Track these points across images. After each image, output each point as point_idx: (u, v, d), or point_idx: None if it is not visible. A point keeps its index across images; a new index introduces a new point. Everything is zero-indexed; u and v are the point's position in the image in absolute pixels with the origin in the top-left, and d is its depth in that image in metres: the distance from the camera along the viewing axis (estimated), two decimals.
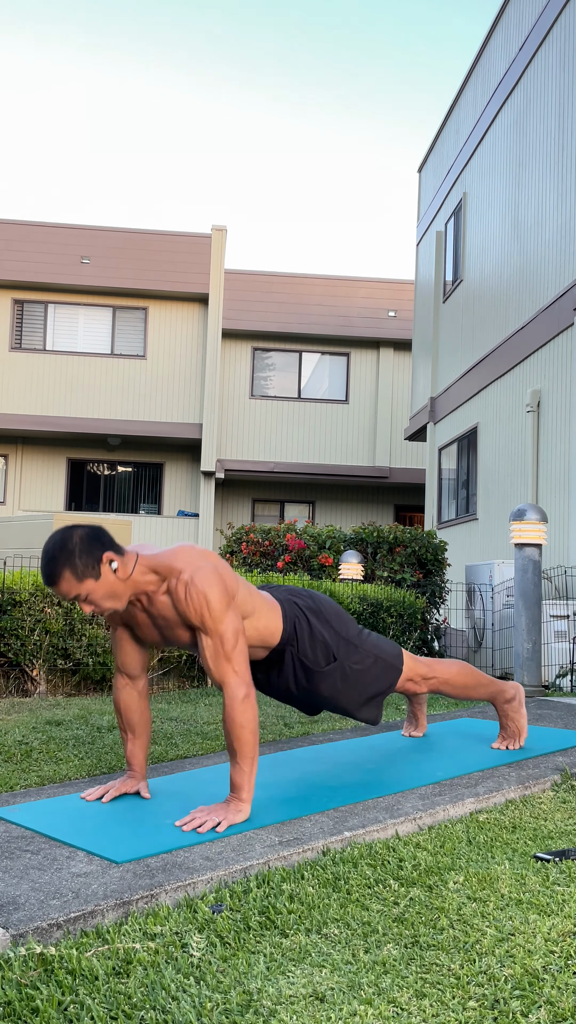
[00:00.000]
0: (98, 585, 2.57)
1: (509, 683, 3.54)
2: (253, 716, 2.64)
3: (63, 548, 2.54)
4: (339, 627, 3.04)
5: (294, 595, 3.06)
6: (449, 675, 3.32)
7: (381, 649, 3.13)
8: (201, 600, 2.62)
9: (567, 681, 6.23)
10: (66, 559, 2.53)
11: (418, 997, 1.68)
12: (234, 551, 8.58)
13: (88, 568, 2.55)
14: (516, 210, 10.13)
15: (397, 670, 3.15)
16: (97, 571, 2.56)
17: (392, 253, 46.49)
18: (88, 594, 2.57)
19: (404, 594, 6.86)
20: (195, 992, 1.70)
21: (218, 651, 2.64)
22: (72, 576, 2.54)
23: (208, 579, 2.63)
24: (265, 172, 51.58)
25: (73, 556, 2.53)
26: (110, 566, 2.58)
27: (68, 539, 2.56)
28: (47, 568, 2.54)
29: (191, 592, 2.62)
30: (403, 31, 48.85)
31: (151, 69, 47.72)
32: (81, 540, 2.56)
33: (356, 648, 3.05)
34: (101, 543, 2.59)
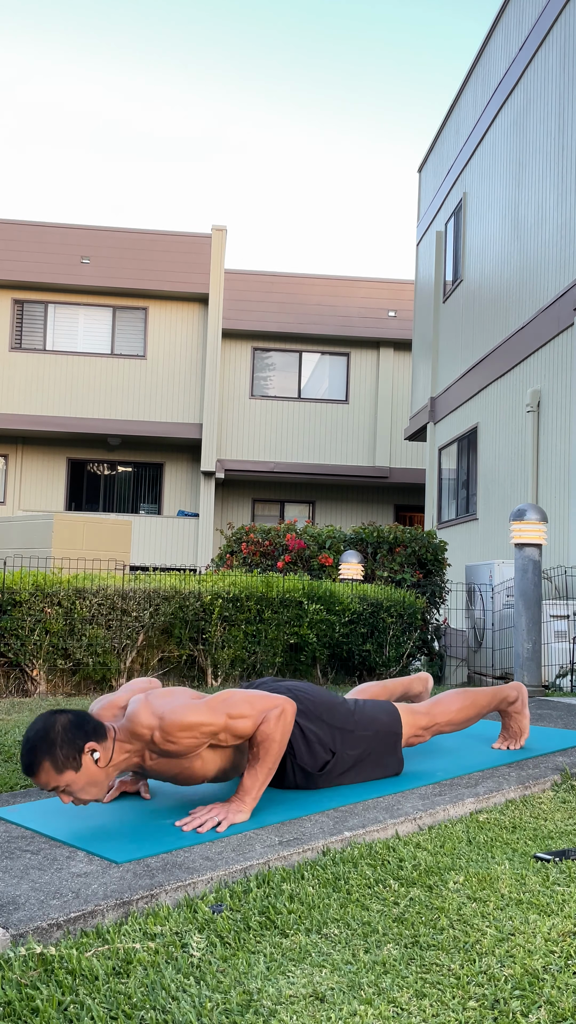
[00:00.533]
0: (78, 776, 2.49)
1: (511, 685, 3.52)
2: (284, 732, 2.64)
3: (44, 738, 2.45)
4: (330, 719, 2.99)
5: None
6: (449, 715, 3.28)
7: (376, 720, 3.09)
8: (187, 730, 2.55)
9: (567, 681, 6.23)
10: (46, 750, 2.44)
11: (418, 997, 1.68)
12: (234, 551, 8.58)
13: (69, 759, 2.46)
14: (516, 210, 10.13)
15: (397, 735, 3.13)
16: (78, 762, 2.47)
17: (392, 253, 46.50)
18: (67, 785, 2.48)
19: (404, 594, 6.86)
20: (195, 992, 1.70)
21: (238, 722, 2.62)
22: (51, 767, 2.45)
23: (174, 713, 2.55)
24: (265, 172, 51.59)
25: (54, 747, 2.45)
26: (91, 756, 2.50)
27: (50, 728, 2.47)
28: (27, 757, 2.45)
29: (175, 737, 2.55)
30: (403, 31, 48.86)
31: (151, 69, 47.74)
32: (63, 730, 2.47)
33: (351, 733, 3.01)
34: (84, 732, 2.50)
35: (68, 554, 7.30)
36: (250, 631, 5.97)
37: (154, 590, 5.83)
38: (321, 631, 6.18)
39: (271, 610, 6.05)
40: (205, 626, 5.88)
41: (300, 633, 6.08)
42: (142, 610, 5.72)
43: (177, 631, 5.84)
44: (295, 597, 6.14)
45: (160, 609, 5.78)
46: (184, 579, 6.31)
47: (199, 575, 6.55)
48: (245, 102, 50.20)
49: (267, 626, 6.02)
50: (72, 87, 48.27)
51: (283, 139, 51.56)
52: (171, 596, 5.85)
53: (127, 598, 5.71)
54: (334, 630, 6.24)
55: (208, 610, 5.89)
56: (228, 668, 5.93)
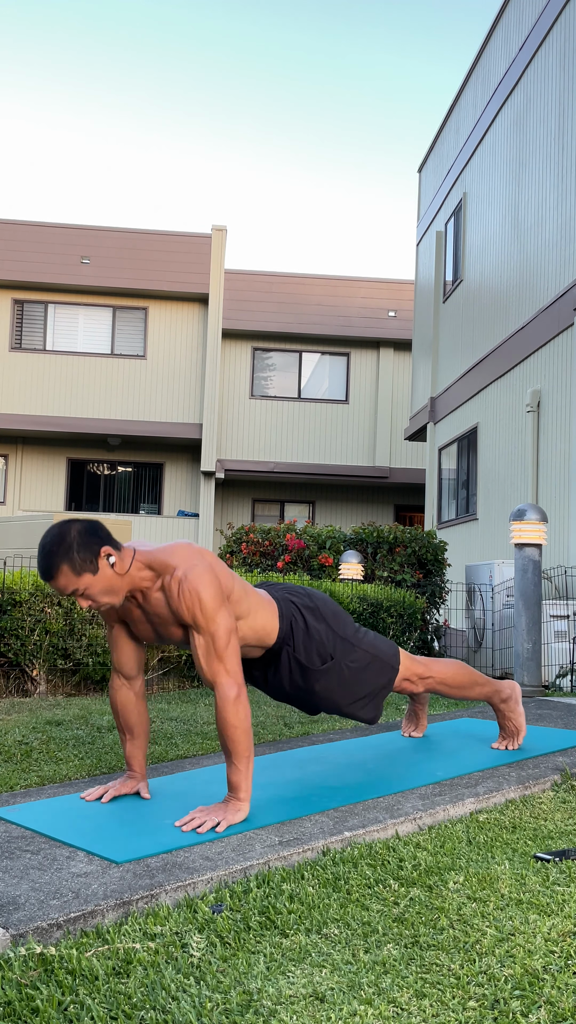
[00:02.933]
0: (95, 580, 2.55)
1: (505, 682, 3.54)
2: (245, 715, 2.63)
3: (60, 542, 2.52)
4: (336, 626, 3.03)
5: (291, 593, 3.05)
6: (446, 675, 3.30)
7: (378, 648, 3.12)
8: (194, 598, 2.61)
9: (567, 681, 6.23)
10: (63, 553, 2.51)
11: (418, 997, 1.68)
12: (234, 551, 8.58)
13: (86, 562, 2.53)
14: (516, 210, 10.13)
15: (394, 669, 3.14)
16: (95, 565, 2.54)
17: (392, 253, 46.49)
18: (85, 588, 2.55)
19: (404, 594, 6.86)
20: (195, 992, 1.70)
21: (209, 650, 2.63)
22: (70, 570, 2.52)
23: (201, 577, 2.62)
24: (265, 172, 51.59)
25: (71, 550, 2.51)
26: (107, 560, 2.57)
27: (65, 533, 2.54)
28: (44, 562, 2.52)
29: (184, 590, 2.61)
30: (403, 31, 48.86)
31: (151, 68, 47.74)
32: (79, 534, 2.54)
33: (353, 647, 3.04)
34: (99, 537, 2.57)
35: None
36: None
37: None
38: None
39: None
40: None
41: None
42: None
43: None
44: None
45: None
46: None
47: None
48: (245, 102, 50.22)
49: None
50: (72, 86, 48.28)
51: (283, 139, 51.57)
52: None
53: None
54: None
55: None
56: None
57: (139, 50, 47.27)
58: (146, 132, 49.74)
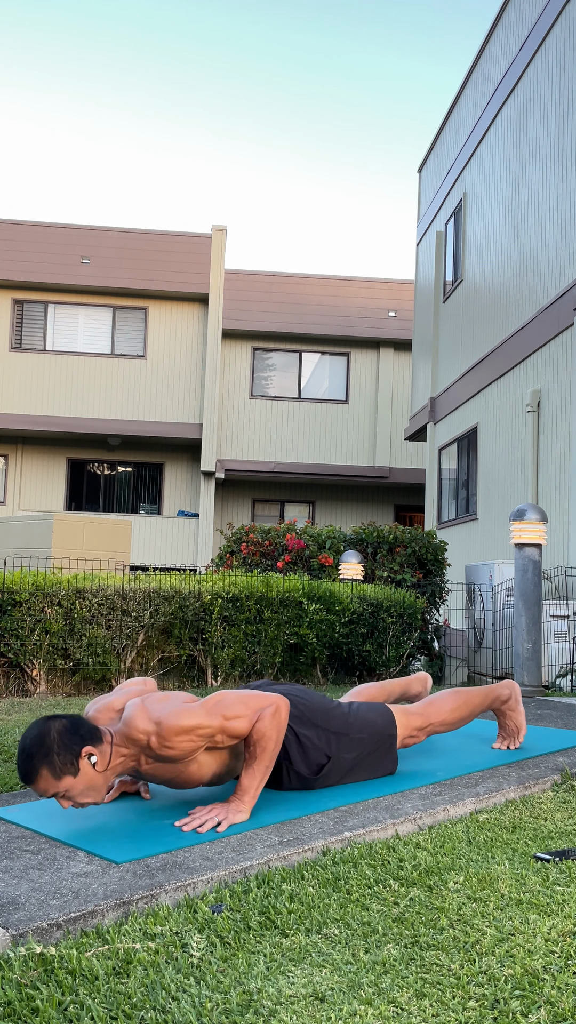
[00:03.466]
0: (76, 781, 2.49)
1: (503, 683, 3.53)
2: (280, 728, 2.65)
3: (40, 745, 2.45)
4: (325, 723, 2.99)
5: None
6: (443, 715, 3.29)
7: (371, 724, 3.10)
8: (183, 734, 2.55)
9: (567, 681, 6.23)
10: (44, 756, 2.44)
11: (418, 997, 1.68)
12: (234, 551, 8.58)
13: (67, 765, 2.46)
14: (516, 210, 10.13)
15: (392, 736, 3.14)
16: (76, 767, 2.47)
17: (392, 253, 46.49)
18: (66, 791, 2.48)
19: (404, 594, 6.86)
20: (195, 992, 1.70)
21: (235, 725, 2.62)
22: (50, 774, 2.45)
23: (170, 718, 2.55)
24: (265, 172, 51.58)
25: (51, 753, 2.44)
26: (89, 760, 2.50)
27: (45, 735, 2.46)
28: (24, 765, 2.45)
29: (172, 742, 2.55)
30: (403, 31, 48.85)
31: (151, 68, 47.74)
32: (59, 735, 2.47)
33: (346, 736, 3.02)
34: (80, 736, 2.50)
35: (68, 554, 7.30)
36: (250, 631, 5.97)
37: (154, 590, 5.83)
38: (321, 631, 6.18)
39: (271, 610, 6.05)
40: (205, 626, 5.88)
41: (300, 633, 6.08)
42: (142, 610, 5.72)
43: (177, 631, 5.84)
44: (295, 597, 6.14)
45: (160, 609, 5.78)
46: (184, 579, 6.31)
47: (199, 575, 6.55)
48: (245, 102, 50.21)
49: (267, 626, 6.02)
50: (72, 86, 48.28)
51: (283, 139, 51.56)
52: (171, 596, 5.85)
53: (127, 598, 5.71)
54: (334, 630, 6.24)
55: (208, 610, 5.89)
56: (228, 668, 5.93)
57: (139, 50, 47.27)
58: (146, 132, 49.73)
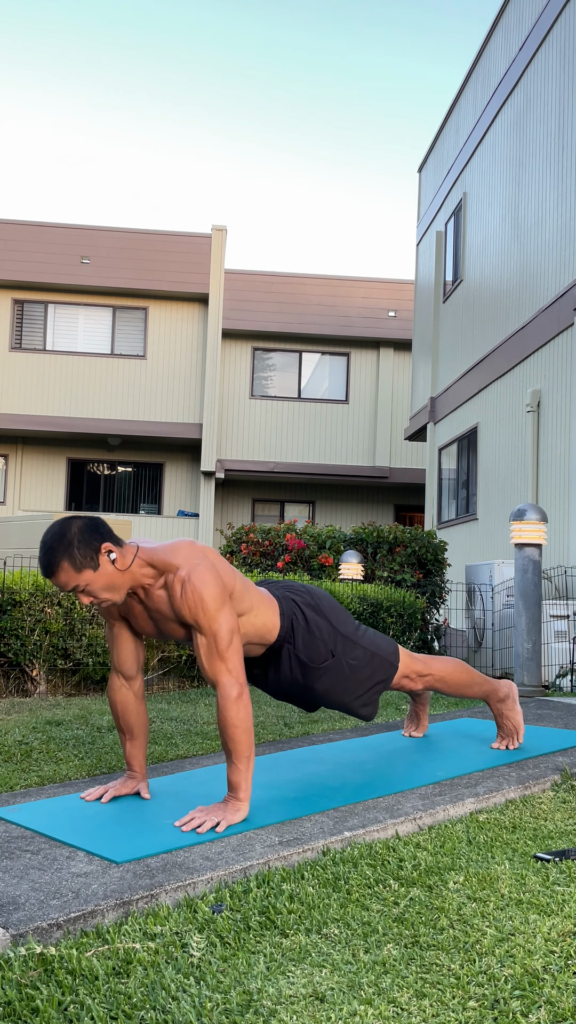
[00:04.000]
0: (96, 576, 2.56)
1: (502, 682, 3.55)
2: (247, 715, 2.63)
3: (61, 539, 2.52)
4: (336, 623, 3.03)
5: (291, 591, 3.05)
6: (444, 672, 3.32)
7: (378, 645, 3.13)
8: (196, 598, 2.61)
9: (567, 681, 6.23)
10: (64, 549, 2.51)
11: (418, 997, 1.68)
12: (234, 551, 8.58)
13: (87, 559, 2.53)
14: (516, 210, 10.13)
15: (393, 666, 3.15)
16: (95, 562, 2.55)
17: (392, 253, 46.48)
18: (86, 585, 2.55)
19: (404, 594, 6.86)
20: (195, 992, 1.70)
21: (211, 649, 2.63)
22: (70, 567, 2.52)
23: (204, 577, 2.62)
24: (265, 172, 51.58)
25: (71, 547, 2.52)
26: (108, 557, 2.57)
27: (66, 530, 2.54)
28: (45, 558, 2.53)
29: (187, 590, 2.61)
30: (403, 31, 48.85)
31: (151, 68, 47.73)
32: (80, 531, 2.55)
33: (353, 644, 3.04)
34: (100, 534, 2.58)
35: None
36: None
37: None
38: None
39: None
40: None
41: None
42: None
43: None
44: None
45: None
46: None
47: None
48: (245, 102, 50.21)
49: None
50: (72, 86, 48.28)
51: (283, 139, 51.56)
52: None
53: None
54: None
55: None
56: None
57: (139, 50, 47.27)
58: (146, 132, 49.73)
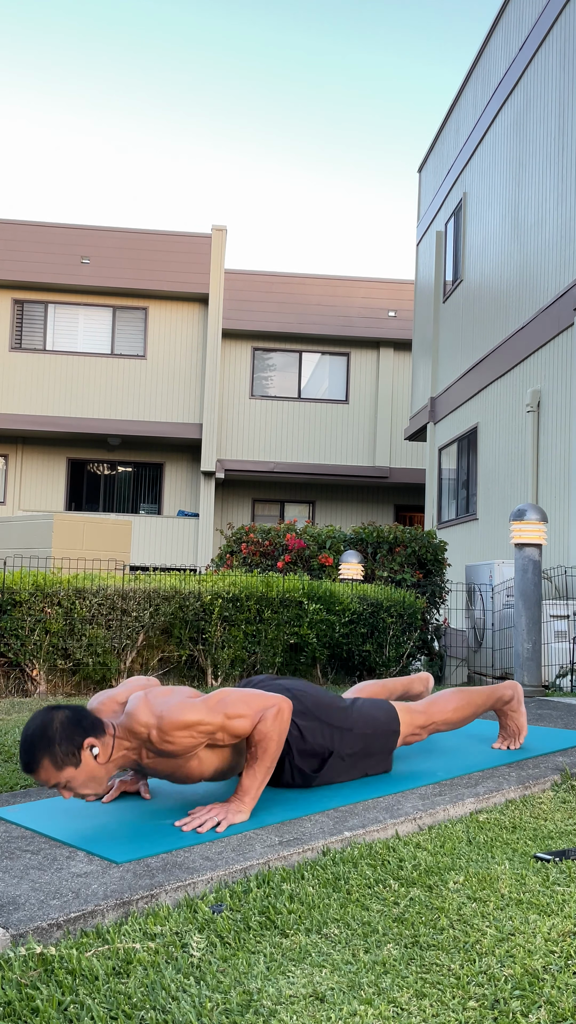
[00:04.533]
0: (78, 772, 2.50)
1: (506, 684, 3.53)
2: (283, 729, 2.64)
3: (43, 736, 2.46)
4: (327, 718, 2.99)
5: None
6: (446, 714, 3.28)
7: (374, 720, 3.09)
8: (186, 730, 2.56)
9: (567, 681, 6.23)
10: (46, 747, 2.45)
11: (418, 997, 1.68)
12: (234, 551, 8.58)
13: (68, 756, 2.47)
14: (516, 210, 10.13)
15: (395, 733, 3.13)
16: (77, 758, 2.49)
17: (392, 253, 46.49)
18: (67, 781, 2.49)
19: (404, 594, 6.86)
20: (195, 992, 1.70)
21: (236, 724, 2.62)
22: (51, 765, 2.46)
23: (172, 713, 2.55)
24: (265, 172, 51.58)
25: (53, 744, 2.46)
26: (91, 752, 2.51)
27: (48, 726, 2.48)
28: (26, 756, 2.46)
29: (173, 737, 2.55)
30: (403, 31, 48.84)
31: (151, 68, 47.73)
32: (61, 726, 2.48)
33: (348, 731, 3.01)
34: (82, 728, 2.51)
35: (68, 554, 7.30)
36: (250, 631, 5.97)
37: (154, 590, 5.83)
38: (321, 631, 6.18)
39: (271, 610, 6.05)
40: (205, 626, 5.88)
41: (300, 633, 6.08)
42: (142, 610, 5.72)
43: (177, 631, 5.84)
44: (295, 597, 6.14)
45: (160, 609, 5.78)
46: (184, 579, 6.31)
47: (199, 575, 6.55)
48: (245, 102, 50.21)
49: (267, 626, 6.02)
50: (72, 86, 48.28)
51: (283, 139, 51.56)
52: (171, 596, 5.85)
53: (127, 598, 5.71)
54: (334, 630, 6.23)
55: (208, 610, 5.89)
56: (228, 668, 5.93)
57: (139, 50, 47.27)
58: (146, 132, 49.73)
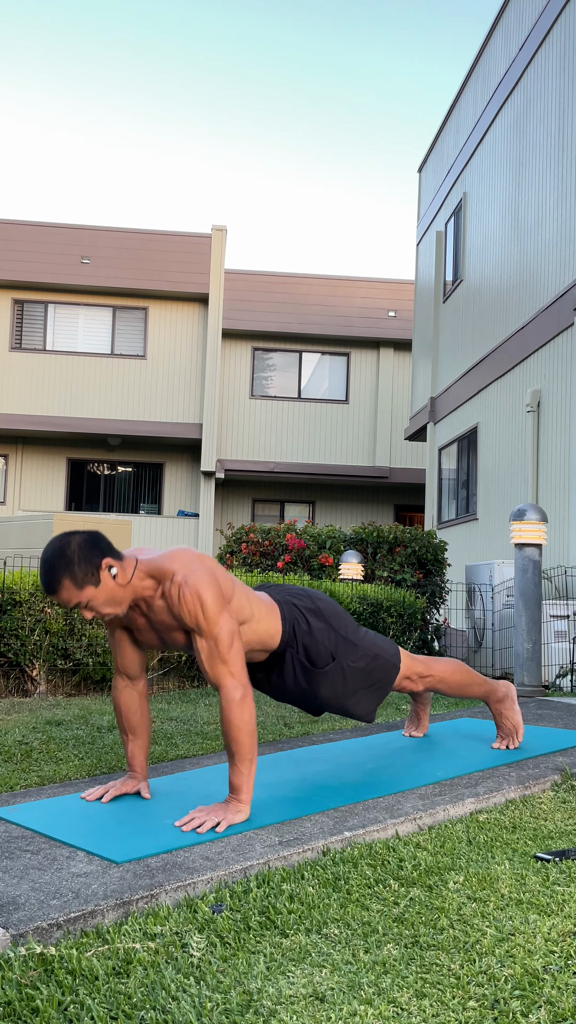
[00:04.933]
0: (98, 592, 2.55)
1: (500, 682, 3.57)
2: (250, 717, 2.63)
3: (61, 556, 2.51)
4: (337, 626, 3.04)
5: (292, 595, 3.05)
6: (445, 673, 3.34)
7: (379, 647, 3.13)
8: (195, 602, 2.61)
9: (567, 681, 6.23)
10: (65, 567, 2.50)
11: (418, 997, 1.68)
12: (234, 551, 8.58)
13: (87, 575, 2.52)
14: (516, 210, 10.13)
15: (395, 667, 3.16)
16: (96, 577, 2.54)
17: (392, 253, 46.49)
18: (88, 601, 2.54)
19: (404, 594, 6.86)
20: (195, 992, 1.70)
21: (213, 653, 2.63)
22: (71, 584, 2.51)
23: (202, 581, 2.62)
24: (265, 172, 51.58)
25: (72, 563, 2.50)
26: (109, 572, 2.56)
27: (66, 546, 2.52)
28: (46, 576, 2.51)
29: (185, 594, 2.61)
30: (403, 32, 48.86)
31: (151, 68, 47.73)
32: (79, 547, 2.53)
33: (355, 646, 3.05)
34: (100, 549, 2.56)
35: None
36: None
37: None
38: None
39: None
40: None
41: None
42: None
43: None
44: None
45: None
46: None
47: None
48: (245, 102, 50.21)
49: None
50: (72, 86, 48.28)
51: (283, 139, 51.56)
52: None
53: None
54: None
55: None
56: None
57: (139, 50, 47.27)
58: (146, 132, 49.72)
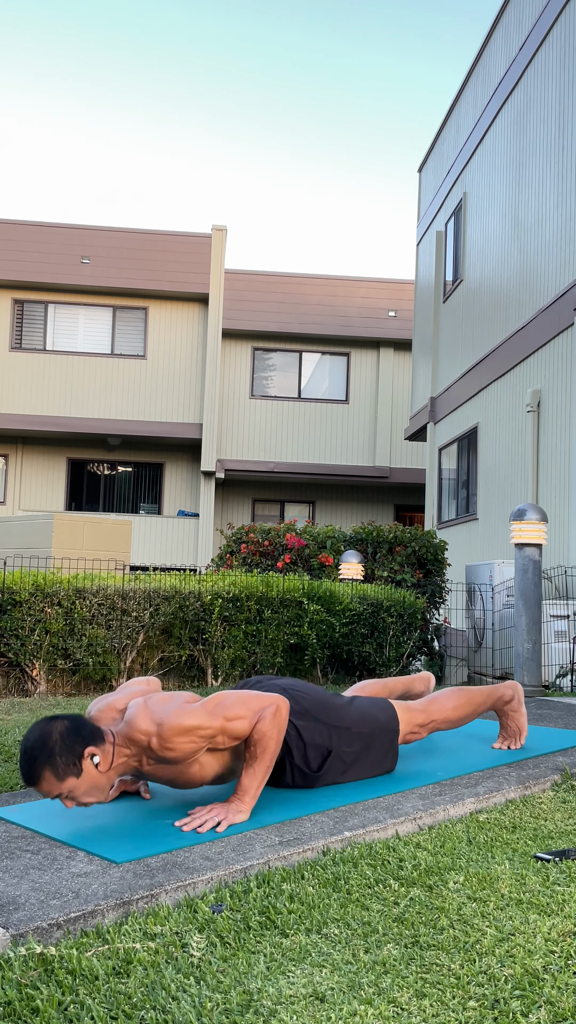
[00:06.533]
0: (80, 782, 2.48)
1: (506, 684, 3.52)
2: (281, 727, 2.65)
3: (43, 746, 2.44)
4: (326, 717, 2.99)
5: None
6: (446, 712, 3.28)
7: (372, 719, 3.08)
8: (188, 736, 2.55)
9: (567, 681, 6.23)
10: (46, 758, 2.44)
11: (418, 997, 1.68)
12: (234, 551, 8.58)
13: (69, 766, 2.46)
14: (516, 210, 10.13)
15: (394, 732, 3.13)
16: (79, 768, 2.47)
17: (392, 253, 46.49)
18: (69, 791, 2.48)
19: (404, 594, 6.86)
20: (195, 992, 1.70)
21: (236, 726, 2.61)
22: (52, 776, 2.44)
23: (171, 718, 2.55)
24: (265, 172, 51.58)
25: (53, 755, 2.44)
26: (91, 761, 2.50)
27: (48, 735, 2.46)
28: (26, 768, 2.45)
29: (173, 743, 2.55)
30: (403, 32, 48.84)
31: (151, 68, 47.72)
32: (61, 736, 2.47)
33: (347, 731, 3.01)
34: (82, 737, 2.49)
35: (68, 554, 7.30)
36: (250, 631, 5.97)
37: (154, 590, 5.83)
38: (321, 631, 6.18)
39: (271, 610, 6.05)
40: (205, 626, 5.88)
41: (300, 633, 6.08)
42: (142, 610, 5.72)
43: (177, 631, 5.84)
44: (295, 597, 6.14)
45: (160, 609, 5.78)
46: (184, 579, 6.31)
47: (199, 575, 6.55)
48: (245, 101, 50.20)
49: (267, 626, 6.02)
50: (72, 85, 48.27)
51: (283, 139, 51.55)
52: (171, 596, 5.85)
53: (127, 598, 5.71)
54: (334, 630, 6.23)
55: (208, 610, 5.89)
56: (228, 668, 5.93)
57: (139, 50, 47.26)
58: (146, 132, 49.72)
